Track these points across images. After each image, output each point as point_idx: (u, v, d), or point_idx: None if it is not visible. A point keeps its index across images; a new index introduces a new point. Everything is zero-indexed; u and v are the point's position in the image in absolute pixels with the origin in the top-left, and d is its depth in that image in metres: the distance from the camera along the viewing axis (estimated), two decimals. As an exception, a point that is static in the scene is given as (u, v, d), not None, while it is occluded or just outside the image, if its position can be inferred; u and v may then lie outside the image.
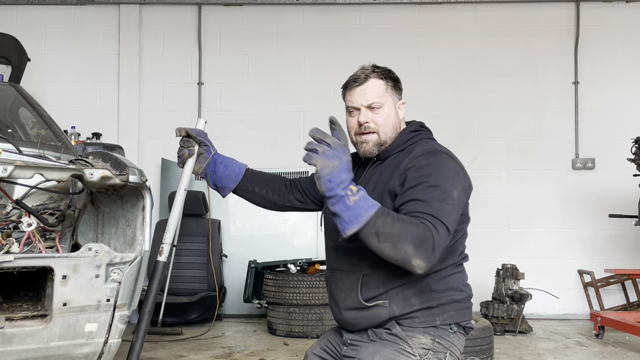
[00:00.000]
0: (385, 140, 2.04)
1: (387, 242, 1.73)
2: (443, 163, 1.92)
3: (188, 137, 2.15)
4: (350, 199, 1.72)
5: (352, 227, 1.72)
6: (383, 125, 2.03)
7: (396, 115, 2.07)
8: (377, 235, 1.73)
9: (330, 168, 1.72)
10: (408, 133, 2.07)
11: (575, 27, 6.58)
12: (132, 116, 6.61)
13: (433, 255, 1.74)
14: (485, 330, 4.29)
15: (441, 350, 1.95)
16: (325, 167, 1.72)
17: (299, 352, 4.69)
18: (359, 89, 2.04)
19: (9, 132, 3.37)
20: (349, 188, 1.73)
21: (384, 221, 1.73)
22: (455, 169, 1.94)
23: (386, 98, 2.04)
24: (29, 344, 2.11)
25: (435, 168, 1.89)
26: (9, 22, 6.59)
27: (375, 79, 2.04)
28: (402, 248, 1.72)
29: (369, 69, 2.06)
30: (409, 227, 1.74)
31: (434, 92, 6.53)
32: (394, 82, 2.08)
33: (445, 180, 1.87)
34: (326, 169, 1.72)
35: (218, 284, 5.98)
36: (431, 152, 1.95)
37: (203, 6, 6.73)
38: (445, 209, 1.81)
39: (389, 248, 1.73)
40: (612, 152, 6.40)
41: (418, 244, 1.72)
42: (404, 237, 1.72)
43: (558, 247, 6.47)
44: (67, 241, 2.38)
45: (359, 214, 1.72)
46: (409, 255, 1.72)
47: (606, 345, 5.06)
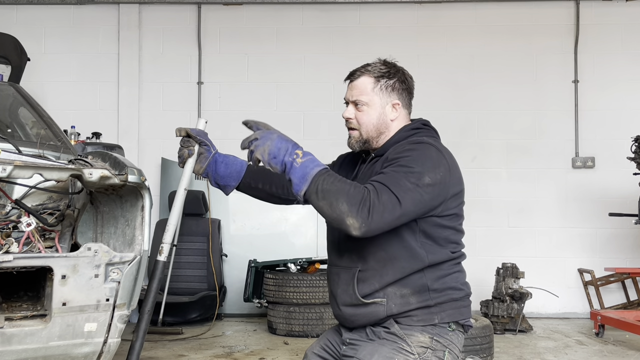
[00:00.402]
0: (367, 138, 2.06)
1: (325, 199, 1.78)
2: (424, 151, 1.91)
3: (188, 137, 2.15)
4: (297, 161, 1.82)
5: (302, 186, 1.80)
6: (364, 124, 2.05)
7: (382, 116, 2.05)
8: (317, 193, 1.79)
9: (268, 147, 1.84)
10: (408, 130, 2.07)
11: (575, 26, 6.58)
12: (132, 116, 6.61)
13: (369, 218, 1.74)
14: (486, 329, 4.29)
15: (440, 348, 1.95)
16: (264, 151, 1.84)
17: (299, 352, 4.69)
18: (350, 85, 2.09)
19: (8, 131, 3.37)
20: (294, 153, 1.84)
21: (325, 180, 1.79)
22: (437, 159, 1.91)
23: (372, 97, 2.04)
24: (29, 344, 2.11)
25: (413, 153, 1.89)
26: (9, 21, 6.59)
27: (366, 77, 2.05)
28: (337, 206, 1.76)
29: (368, 65, 2.07)
30: (347, 187, 1.78)
31: (434, 91, 6.53)
32: (389, 82, 2.04)
33: (419, 164, 1.86)
34: (266, 151, 1.84)
35: (218, 283, 5.99)
36: (416, 141, 1.96)
37: (203, 5, 6.73)
38: (403, 185, 1.80)
39: (326, 206, 1.78)
40: (612, 151, 6.40)
41: (352, 204, 1.74)
42: (339, 195, 1.76)
43: (558, 245, 6.47)
44: (67, 241, 2.38)
45: (306, 172, 1.81)
46: (342, 213, 1.75)
47: (606, 344, 5.06)
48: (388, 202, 1.76)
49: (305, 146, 1.92)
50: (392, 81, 2.05)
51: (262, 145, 1.85)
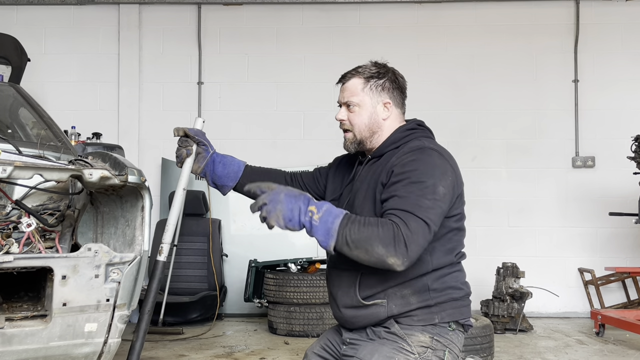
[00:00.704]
0: (360, 139, 2.07)
1: (359, 249, 1.77)
2: (429, 159, 1.92)
3: (186, 137, 2.16)
4: (314, 218, 1.79)
5: (330, 241, 1.78)
6: (356, 125, 2.06)
7: (374, 115, 2.06)
8: (347, 245, 1.78)
9: (280, 212, 1.79)
10: (403, 131, 2.07)
11: (575, 25, 6.58)
12: (132, 116, 6.62)
13: (408, 251, 1.75)
14: (486, 328, 4.29)
15: (440, 348, 1.95)
16: (277, 217, 1.80)
17: (299, 351, 4.69)
18: (342, 87, 2.11)
19: (8, 132, 3.37)
20: (307, 212, 1.79)
21: (350, 229, 1.77)
22: (442, 165, 1.93)
23: (362, 98, 2.05)
24: (29, 344, 2.12)
25: (420, 164, 1.89)
26: (9, 22, 6.60)
27: (357, 79, 2.07)
28: (374, 251, 1.75)
29: (359, 67, 2.10)
30: (375, 230, 1.76)
31: (434, 91, 6.53)
32: (383, 83, 2.06)
33: (429, 176, 1.87)
34: (280, 217, 1.80)
35: (218, 283, 5.99)
36: (418, 149, 1.95)
37: (203, 5, 6.73)
38: (424, 204, 1.81)
39: (362, 254, 1.77)
40: (612, 150, 6.40)
41: (387, 244, 1.74)
42: (372, 241, 1.75)
43: (558, 245, 6.47)
44: (67, 241, 2.39)
45: (328, 227, 1.78)
46: (381, 256, 1.75)
47: (607, 343, 5.06)
48: (418, 228, 1.78)
49: (306, 146, 1.92)
50: (381, 81, 2.07)
51: (274, 211, 1.80)
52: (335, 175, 2.25)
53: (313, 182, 2.31)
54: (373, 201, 1.97)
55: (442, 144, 2.07)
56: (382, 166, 2.01)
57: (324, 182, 2.29)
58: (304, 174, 2.35)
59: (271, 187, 1.84)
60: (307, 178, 2.33)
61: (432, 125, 2.18)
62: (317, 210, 1.79)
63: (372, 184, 2.00)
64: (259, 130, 6.64)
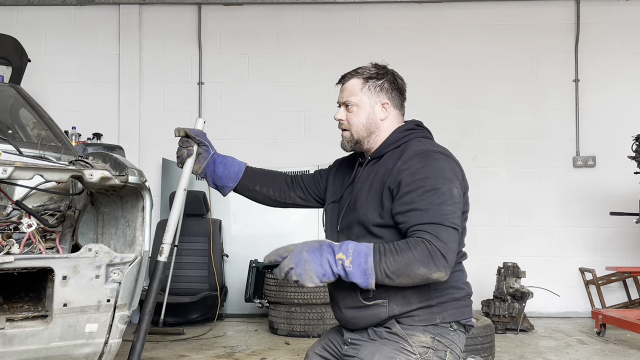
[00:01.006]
0: (358, 138, 2.08)
1: (401, 277, 1.78)
2: (438, 163, 1.92)
3: (187, 138, 2.16)
4: (347, 265, 1.79)
5: (370, 280, 1.79)
6: (354, 124, 2.07)
7: (372, 115, 2.07)
8: (389, 277, 1.79)
9: (311, 271, 1.79)
10: (402, 131, 2.08)
11: (576, 25, 6.58)
12: (132, 116, 6.62)
13: (447, 262, 1.78)
14: (487, 328, 4.29)
15: (441, 348, 1.95)
16: (311, 277, 1.79)
17: (300, 352, 4.69)
18: (341, 87, 2.12)
19: (9, 133, 3.37)
20: (336, 260, 1.79)
21: (386, 262, 1.78)
22: (451, 167, 1.94)
23: (360, 98, 2.06)
24: (30, 345, 2.12)
25: (430, 170, 1.90)
26: (9, 22, 6.60)
27: (356, 79, 2.09)
28: (416, 274, 1.77)
29: (359, 68, 2.11)
30: (410, 254, 1.77)
31: (435, 90, 6.53)
32: (382, 84, 2.07)
33: (442, 181, 1.88)
34: (312, 276, 1.79)
35: (219, 283, 5.99)
36: (424, 153, 1.95)
37: (203, 6, 6.73)
38: (447, 211, 1.84)
39: (406, 280, 1.80)
40: (613, 150, 6.39)
41: (427, 263, 1.76)
42: (411, 266, 1.77)
43: (559, 245, 6.47)
44: (67, 242, 2.39)
45: (362, 268, 1.78)
46: (425, 275, 1.78)
47: (608, 343, 5.06)
48: (449, 236, 1.81)
49: (306, 146, 1.94)
50: (380, 82, 2.07)
51: (304, 273, 1.79)
52: (336, 177, 2.25)
53: (313, 184, 2.31)
54: (378, 203, 1.96)
55: (443, 143, 2.07)
56: (383, 167, 2.01)
57: (324, 184, 2.29)
58: (305, 177, 2.35)
59: (289, 249, 1.83)
60: (307, 180, 2.33)
61: (432, 125, 2.18)
62: (346, 256, 1.79)
63: (375, 185, 1.99)
64: (259, 131, 6.64)
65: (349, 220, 2.06)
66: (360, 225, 2.01)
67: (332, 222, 2.17)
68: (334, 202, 2.18)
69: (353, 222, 2.04)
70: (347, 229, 2.07)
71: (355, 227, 2.03)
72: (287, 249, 1.84)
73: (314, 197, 2.31)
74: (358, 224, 2.02)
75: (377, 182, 1.99)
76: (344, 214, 2.10)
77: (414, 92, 7.58)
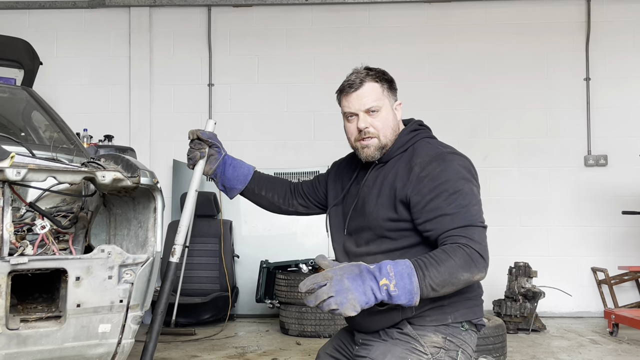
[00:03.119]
0: (385, 143, 2.03)
1: (445, 287, 1.76)
2: (454, 164, 1.93)
3: (199, 140, 2.17)
4: (391, 289, 1.69)
5: (415, 299, 1.72)
6: (382, 129, 2.01)
7: (394, 118, 2.05)
8: (434, 290, 1.74)
9: (354, 300, 1.66)
10: (408, 133, 2.07)
11: (586, 23, 6.54)
12: (143, 118, 6.65)
13: (485, 261, 1.80)
14: (498, 328, 4.28)
15: (453, 348, 1.94)
16: (354, 306, 1.66)
17: (311, 352, 4.69)
18: (355, 94, 2.00)
19: (22, 135, 3.40)
20: (380, 286, 1.69)
21: (431, 277, 1.72)
22: (466, 166, 1.95)
23: (383, 101, 2.02)
24: (44, 345, 2.13)
25: (449, 172, 1.90)
26: (21, 26, 6.65)
27: (371, 83, 2.01)
28: (460, 280, 1.77)
29: (363, 73, 2.03)
30: (452, 262, 1.75)
31: (445, 90, 6.51)
32: (389, 84, 2.06)
33: (462, 182, 1.89)
34: (356, 304, 1.67)
35: (230, 284, 6.00)
36: (439, 156, 1.94)
37: (212, 8, 6.75)
38: (473, 211, 1.85)
39: (450, 288, 1.77)
40: (624, 149, 6.36)
41: (468, 267, 1.76)
42: (455, 274, 1.75)
43: (571, 244, 6.43)
44: (80, 243, 2.40)
45: (408, 290, 1.70)
46: (469, 279, 1.78)
47: (620, 342, 5.02)
48: (482, 235, 1.82)
49: (316, 147, 1.94)
50: (388, 83, 2.06)
51: (346, 302, 1.65)
52: (335, 181, 2.25)
53: (313, 191, 2.32)
54: (391, 209, 1.95)
55: (453, 143, 2.07)
56: (392, 171, 2.00)
57: (324, 190, 2.29)
58: (304, 184, 2.35)
59: (327, 277, 1.69)
60: (307, 188, 2.34)
61: (443, 125, 2.20)
62: (389, 280, 1.69)
63: (384, 190, 1.98)
64: (269, 131, 6.65)
65: (358, 224, 2.06)
66: (370, 230, 2.00)
67: (337, 226, 2.17)
68: (336, 205, 2.18)
69: (362, 227, 2.03)
70: (355, 233, 2.07)
71: (365, 232, 2.02)
72: (325, 277, 1.69)
73: (314, 204, 2.32)
74: (368, 229, 2.01)
75: (387, 186, 1.98)
76: (350, 217, 2.09)
77: (424, 92, 7.56)
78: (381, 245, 1.97)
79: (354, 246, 2.06)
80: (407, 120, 2.15)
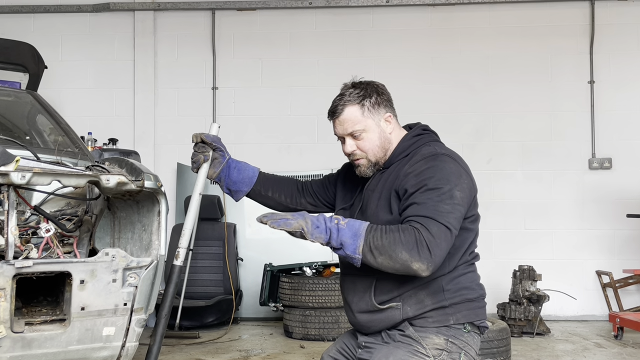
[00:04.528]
0: (376, 160, 2.07)
1: (382, 255, 1.78)
2: (443, 165, 1.92)
3: (203, 143, 2.18)
4: (342, 224, 1.83)
5: (357, 242, 1.80)
6: (370, 149, 2.06)
7: (381, 134, 2.06)
8: (371, 252, 1.79)
9: (307, 220, 1.85)
10: (411, 138, 2.08)
11: (590, 26, 6.53)
12: (147, 121, 6.67)
13: (431, 256, 1.77)
14: (502, 332, 4.27)
15: (455, 350, 1.94)
16: (305, 223, 1.85)
17: (315, 355, 4.69)
18: (337, 121, 2.08)
19: (27, 139, 3.41)
20: (333, 219, 1.85)
21: (374, 236, 1.79)
22: (456, 170, 1.94)
23: (365, 122, 2.04)
24: (48, 348, 2.14)
25: (435, 171, 1.90)
26: (26, 30, 6.68)
27: (351, 107, 2.04)
28: (398, 257, 1.77)
29: (345, 95, 2.06)
30: (397, 235, 1.78)
31: (448, 93, 6.50)
32: (375, 99, 2.04)
33: (445, 182, 1.88)
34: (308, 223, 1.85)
35: (234, 287, 6.01)
36: (431, 156, 1.96)
37: (217, 11, 6.77)
38: (443, 209, 1.83)
39: (386, 261, 1.79)
40: (629, 152, 6.34)
41: (410, 249, 1.76)
42: (395, 247, 1.77)
43: (575, 247, 6.42)
44: (85, 246, 2.41)
45: (354, 230, 1.82)
46: (405, 261, 1.77)
47: (625, 346, 5.00)
48: (439, 232, 1.79)
49: (320, 150, 1.96)
50: (373, 98, 2.05)
51: (300, 218, 1.85)
52: (345, 183, 2.26)
53: (323, 190, 2.33)
54: (388, 210, 1.97)
55: (458, 146, 2.07)
56: (394, 174, 2.01)
57: (333, 190, 2.30)
58: (314, 183, 2.37)
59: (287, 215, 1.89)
60: (317, 186, 2.35)
61: (447, 128, 2.19)
62: (342, 219, 1.84)
63: (385, 193, 2.00)
64: (273, 135, 6.66)
65: None
66: None
67: None
68: (344, 208, 2.19)
69: None
70: None
71: None
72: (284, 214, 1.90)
73: (323, 203, 2.33)
74: None
75: (387, 189, 2.00)
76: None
77: (427, 95, 7.56)
78: None
79: None
80: (412, 124, 2.15)
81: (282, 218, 1.85)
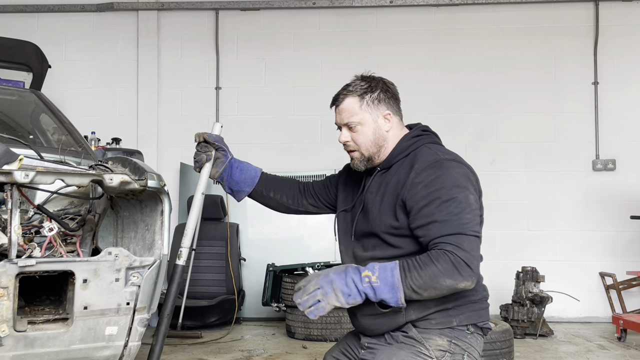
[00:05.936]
0: (369, 155, 2.07)
1: (427, 291, 1.79)
2: (451, 172, 1.91)
3: (205, 143, 2.18)
4: (373, 280, 1.79)
5: (398, 294, 1.78)
6: (362, 143, 2.06)
7: (378, 129, 2.05)
8: (416, 292, 1.79)
9: (337, 290, 1.81)
10: (410, 139, 2.07)
11: (595, 27, 6.52)
12: (151, 121, 6.67)
13: (472, 270, 1.78)
14: (505, 333, 4.26)
15: (458, 352, 1.94)
16: (337, 296, 1.81)
17: (317, 356, 4.69)
18: (337, 110, 2.10)
19: (30, 138, 3.42)
20: (362, 277, 1.81)
21: (412, 278, 1.78)
22: (464, 173, 1.93)
23: (362, 116, 2.04)
24: (51, 347, 2.14)
25: (444, 180, 1.89)
26: (30, 29, 6.69)
27: (351, 98, 2.06)
28: (443, 286, 1.78)
29: (350, 86, 2.08)
30: (434, 268, 1.77)
31: (452, 94, 6.49)
32: (377, 95, 2.05)
33: (457, 190, 1.88)
34: (339, 296, 1.81)
35: (237, 287, 6.01)
36: (437, 163, 1.94)
37: (220, 11, 6.77)
38: (466, 219, 1.84)
39: (433, 292, 1.80)
40: (633, 153, 6.33)
41: (452, 274, 1.76)
42: (437, 279, 1.77)
43: (579, 249, 6.40)
44: (88, 245, 2.41)
45: (390, 282, 1.79)
46: (452, 286, 1.79)
47: (629, 348, 4.99)
48: (471, 244, 1.81)
49: (323, 151, 1.95)
50: (375, 94, 2.05)
51: (331, 292, 1.82)
52: (346, 184, 2.25)
53: (324, 191, 2.32)
54: (393, 217, 1.96)
55: (461, 146, 2.07)
56: (394, 177, 2.00)
57: (335, 191, 2.30)
58: (315, 184, 2.36)
59: (316, 274, 1.87)
60: (318, 187, 2.34)
61: (450, 129, 2.19)
62: (372, 272, 1.80)
63: (387, 197, 1.99)
64: (276, 135, 6.66)
65: (363, 230, 2.07)
66: (375, 236, 2.01)
67: (344, 230, 2.18)
68: (346, 210, 2.18)
69: (368, 233, 2.04)
70: (362, 238, 2.07)
71: (371, 237, 2.03)
72: (314, 274, 1.87)
73: (325, 204, 2.33)
74: (373, 235, 2.02)
75: (389, 193, 1.99)
76: (357, 222, 2.10)
77: (431, 96, 7.55)
78: (386, 251, 1.98)
79: (362, 250, 2.07)
80: (413, 124, 2.14)
81: (314, 304, 1.84)
